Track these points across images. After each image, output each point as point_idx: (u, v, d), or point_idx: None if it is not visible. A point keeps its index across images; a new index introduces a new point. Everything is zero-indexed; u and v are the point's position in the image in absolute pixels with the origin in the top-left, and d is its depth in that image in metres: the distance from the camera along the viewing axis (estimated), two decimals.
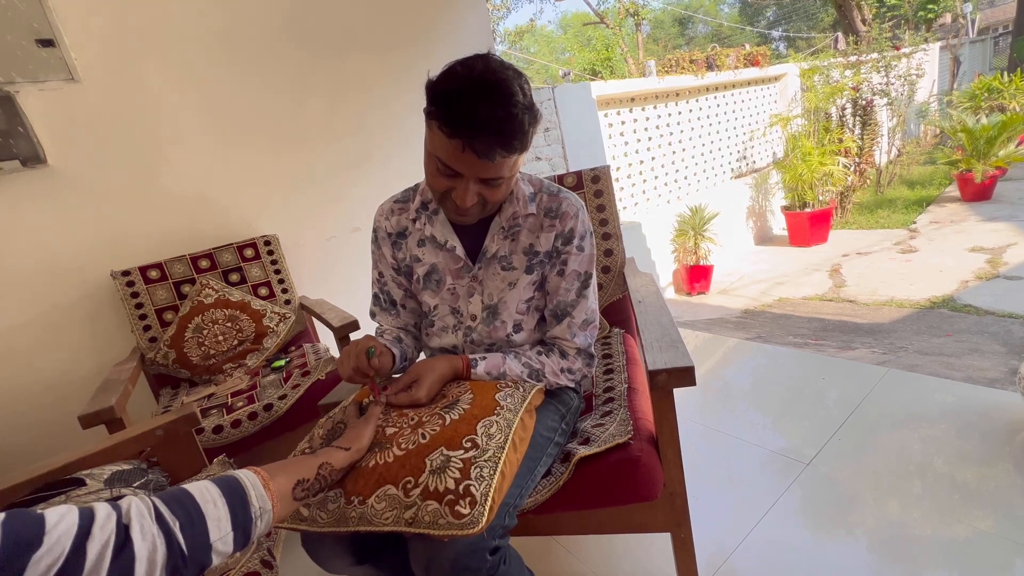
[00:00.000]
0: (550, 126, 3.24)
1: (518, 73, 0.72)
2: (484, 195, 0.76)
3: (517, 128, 0.69)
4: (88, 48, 1.62)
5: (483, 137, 0.68)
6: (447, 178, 0.75)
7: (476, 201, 0.76)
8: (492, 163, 0.70)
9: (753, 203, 5.19)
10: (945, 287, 3.24)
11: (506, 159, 0.72)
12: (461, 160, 0.71)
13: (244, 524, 0.47)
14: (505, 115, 0.68)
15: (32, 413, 1.60)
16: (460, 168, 0.72)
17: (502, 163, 0.72)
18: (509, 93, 0.69)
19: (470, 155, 0.69)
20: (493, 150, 0.69)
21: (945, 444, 1.39)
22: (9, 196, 1.53)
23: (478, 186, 0.75)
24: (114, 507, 0.40)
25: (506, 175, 0.75)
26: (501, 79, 0.69)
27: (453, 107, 0.68)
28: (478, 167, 0.71)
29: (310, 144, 2.09)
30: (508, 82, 0.69)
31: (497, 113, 0.67)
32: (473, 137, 0.68)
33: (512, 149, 0.71)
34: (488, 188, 0.76)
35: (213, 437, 1.28)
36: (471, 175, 0.73)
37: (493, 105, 0.67)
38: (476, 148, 0.68)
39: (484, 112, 0.67)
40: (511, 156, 0.72)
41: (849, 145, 5.08)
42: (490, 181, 0.75)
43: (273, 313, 1.76)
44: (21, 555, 0.34)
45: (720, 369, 2.11)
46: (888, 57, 5.60)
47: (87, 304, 1.68)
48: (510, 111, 0.68)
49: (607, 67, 11.33)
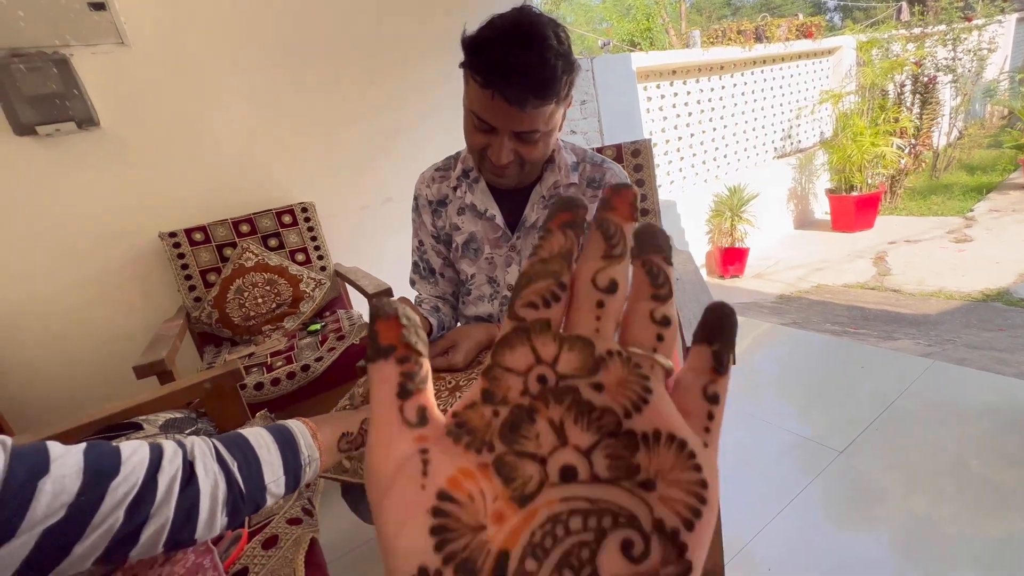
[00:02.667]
0: (587, 99, 3.15)
1: (555, 22, 0.70)
2: (520, 152, 0.75)
3: (550, 74, 0.67)
4: (137, 13, 1.65)
5: (515, 83, 0.66)
6: (483, 134, 0.74)
7: (512, 159, 0.75)
8: (524, 112, 0.69)
9: (795, 185, 4.96)
10: (1001, 279, 3.05)
11: (540, 109, 0.70)
12: (494, 110, 0.70)
13: (295, 469, 0.49)
14: (538, 60, 0.66)
15: (88, 365, 1.71)
16: (494, 121, 0.71)
17: (536, 114, 0.70)
18: (542, 37, 0.67)
19: (502, 103, 0.68)
20: (525, 97, 0.67)
21: (986, 441, 1.34)
22: (66, 157, 1.60)
23: (513, 142, 0.73)
24: (179, 444, 0.43)
25: (541, 128, 0.72)
26: (535, 24, 0.67)
27: (484, 54, 0.67)
28: (511, 118, 0.70)
29: (346, 114, 2.10)
30: (542, 26, 0.67)
31: (529, 59, 0.66)
32: (506, 84, 0.67)
33: (546, 96, 0.68)
34: (524, 145, 0.74)
35: (254, 393, 1.34)
36: (505, 128, 0.72)
37: (525, 50, 0.66)
38: (507, 95, 0.67)
39: (515, 57, 0.66)
40: (545, 105, 0.70)
41: (905, 125, 4.76)
42: (525, 135, 0.73)
43: (309, 278, 1.81)
44: (101, 482, 0.37)
45: (752, 353, 2.06)
46: (957, 29, 5.16)
47: (137, 263, 1.76)
48: (543, 55, 0.66)
49: (647, 38, 10.87)
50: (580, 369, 0.15)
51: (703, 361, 0.15)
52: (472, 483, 0.14)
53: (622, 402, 0.14)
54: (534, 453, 0.14)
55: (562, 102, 0.73)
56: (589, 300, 0.15)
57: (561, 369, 0.15)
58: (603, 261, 0.16)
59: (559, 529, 0.13)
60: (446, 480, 0.14)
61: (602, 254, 0.16)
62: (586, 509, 0.14)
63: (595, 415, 0.14)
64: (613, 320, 0.15)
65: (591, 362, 0.15)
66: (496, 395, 0.15)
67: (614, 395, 0.14)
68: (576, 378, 0.15)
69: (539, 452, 0.14)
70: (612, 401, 0.14)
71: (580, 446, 0.14)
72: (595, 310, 0.15)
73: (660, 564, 0.13)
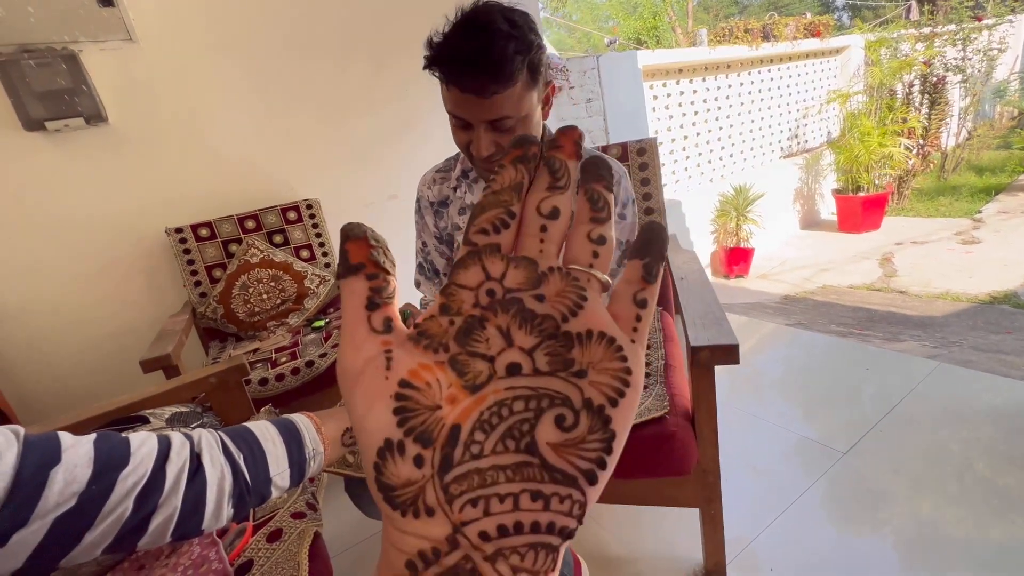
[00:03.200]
0: (592, 97, 3.14)
1: (509, 8, 0.71)
2: (500, 143, 0.75)
3: (499, 56, 0.67)
4: (144, 9, 1.66)
5: (468, 72, 0.68)
6: (463, 131, 0.75)
7: (495, 151, 0.75)
8: (488, 100, 0.69)
9: (802, 185, 4.93)
10: (1009, 282, 3.02)
11: (504, 95, 0.69)
12: (462, 104, 0.71)
13: (299, 462, 0.50)
14: (484, 44, 0.67)
15: (95, 359, 1.73)
16: (465, 114, 0.72)
17: (501, 100, 0.70)
18: (487, 22, 0.67)
19: (465, 95, 0.70)
20: (482, 84, 0.68)
21: (991, 444, 1.33)
22: (75, 153, 1.61)
23: (491, 133, 0.74)
24: (187, 436, 0.43)
25: (512, 114, 0.72)
26: (482, 13, 0.68)
27: (438, 51, 0.69)
28: (478, 108, 0.71)
29: (352, 111, 2.10)
30: (490, 14, 0.68)
31: (477, 45, 0.67)
32: (460, 75, 0.68)
33: (500, 80, 0.68)
34: (502, 134, 0.74)
35: (259, 388, 1.35)
36: (477, 120, 0.72)
37: (472, 39, 0.67)
38: (464, 86, 0.68)
39: (464, 46, 0.67)
40: (506, 88, 0.69)
41: (914, 125, 4.72)
42: (498, 124, 0.73)
43: (314, 275, 1.81)
44: (111, 472, 0.37)
45: (756, 353, 2.06)
46: (967, 29, 5.11)
47: (144, 258, 1.77)
48: (491, 40, 0.67)
49: (653, 36, 10.82)
50: (524, 283, 0.17)
51: (635, 272, 0.18)
52: (430, 374, 0.16)
53: (560, 309, 0.17)
54: (484, 353, 0.17)
55: (531, 85, 0.73)
56: (534, 225, 0.18)
57: (508, 284, 0.17)
58: (547, 192, 0.18)
59: (504, 410, 0.16)
60: (407, 372, 0.16)
61: (547, 186, 0.18)
62: (527, 395, 0.16)
63: (537, 321, 0.17)
64: (555, 243, 0.18)
65: (534, 277, 0.17)
66: (451, 308, 0.17)
67: (554, 304, 0.17)
68: (521, 291, 0.17)
69: (489, 352, 0.17)
70: (552, 309, 0.17)
71: (524, 347, 0.17)
72: (539, 234, 0.17)
73: (587, 432, 0.16)
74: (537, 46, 0.71)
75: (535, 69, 0.72)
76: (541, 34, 0.74)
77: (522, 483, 0.15)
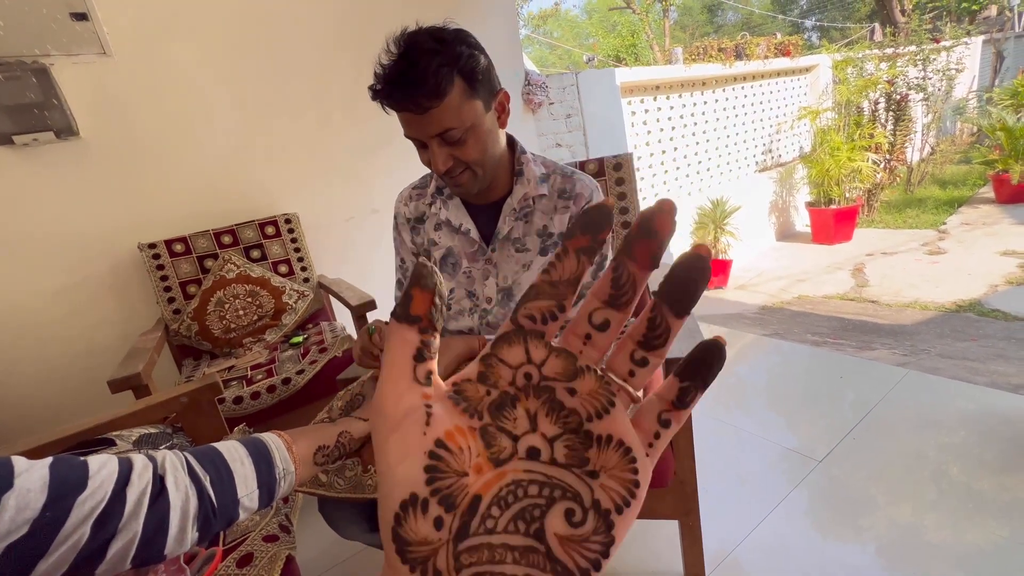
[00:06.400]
0: (572, 112, 3.20)
1: (437, 27, 0.73)
2: (456, 156, 0.76)
3: (422, 72, 0.69)
4: (119, 23, 1.65)
5: (398, 91, 0.71)
6: (422, 150, 0.78)
7: (452, 164, 0.77)
8: (425, 115, 0.71)
9: (776, 198, 5.07)
10: (973, 291, 3.14)
11: (439, 108, 0.71)
12: (407, 123, 0.74)
13: (269, 483, 0.49)
14: (409, 62, 0.69)
15: (62, 377, 1.67)
16: (413, 134, 0.75)
17: (440, 113, 0.71)
18: (412, 44, 0.70)
19: (405, 115, 0.72)
20: (414, 100, 0.70)
21: (963, 450, 1.37)
22: (43, 167, 1.58)
23: (445, 148, 0.75)
24: (150, 458, 0.42)
25: (456, 125, 0.73)
26: (409, 36, 0.71)
27: (375, 78, 0.72)
28: (421, 124, 0.73)
29: (332, 125, 2.10)
30: (415, 35, 0.71)
31: (403, 64, 0.70)
32: (390, 95, 0.71)
33: (427, 92, 0.69)
34: (455, 147, 0.76)
35: (233, 407, 1.32)
36: (426, 135, 0.74)
37: (400, 60, 0.70)
38: (400, 105, 0.71)
39: (392, 68, 0.70)
40: (438, 101, 0.70)
41: (880, 141, 4.91)
42: (446, 136, 0.74)
43: (292, 290, 1.79)
44: (67, 497, 0.36)
45: (735, 364, 2.09)
46: (927, 50, 5.37)
47: (115, 275, 1.73)
48: (413, 57, 0.69)
49: (631, 54, 11.11)
50: (561, 374, 0.18)
51: (670, 392, 0.18)
52: (463, 439, 0.17)
53: (588, 408, 0.17)
54: (511, 431, 0.17)
55: (470, 95, 0.73)
56: (581, 329, 0.18)
57: (545, 371, 0.18)
58: (602, 304, 0.17)
59: (520, 491, 0.17)
60: (444, 432, 0.17)
61: (605, 299, 0.17)
62: (542, 481, 0.17)
63: (564, 413, 0.17)
64: (598, 352, 0.18)
65: (571, 371, 0.18)
66: (489, 378, 0.18)
67: (583, 401, 0.17)
68: (556, 381, 0.18)
69: (514, 431, 0.17)
70: (580, 405, 0.17)
71: (546, 434, 0.17)
72: (583, 340, 0.18)
73: (592, 532, 0.16)
74: (468, 56, 0.72)
75: (471, 78, 0.73)
76: (480, 45, 0.76)
77: (527, 568, 0.16)
